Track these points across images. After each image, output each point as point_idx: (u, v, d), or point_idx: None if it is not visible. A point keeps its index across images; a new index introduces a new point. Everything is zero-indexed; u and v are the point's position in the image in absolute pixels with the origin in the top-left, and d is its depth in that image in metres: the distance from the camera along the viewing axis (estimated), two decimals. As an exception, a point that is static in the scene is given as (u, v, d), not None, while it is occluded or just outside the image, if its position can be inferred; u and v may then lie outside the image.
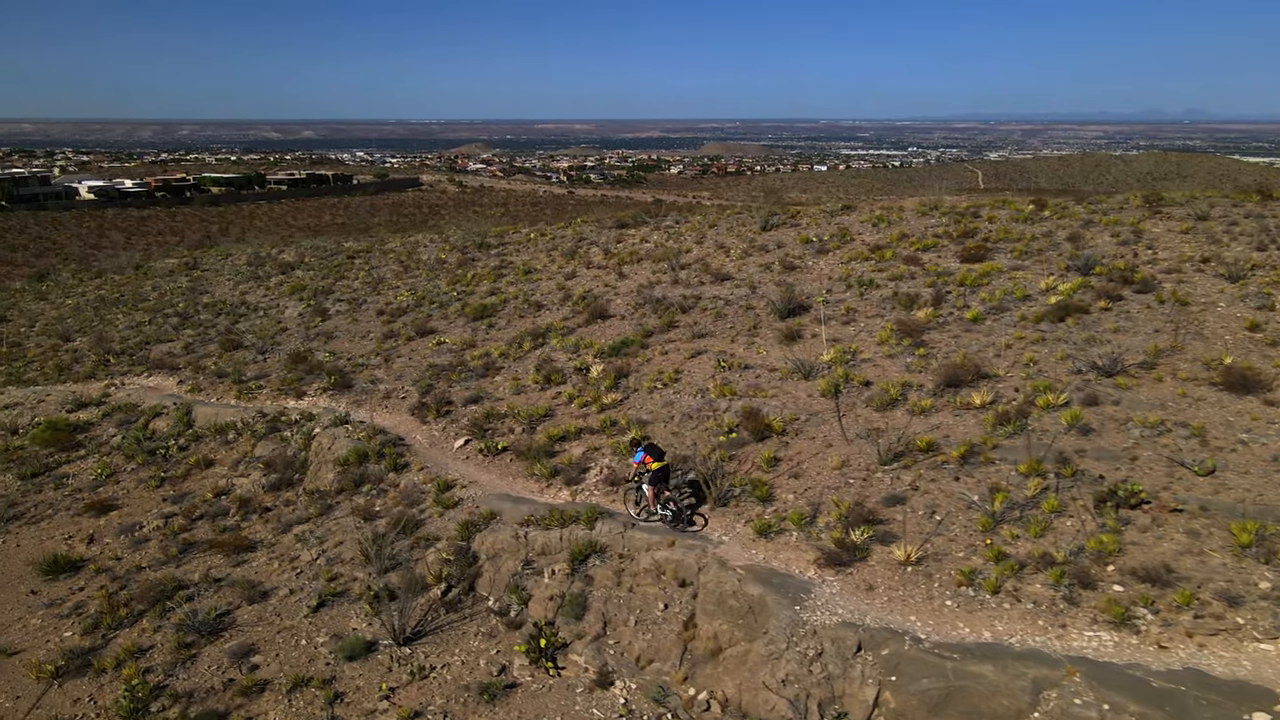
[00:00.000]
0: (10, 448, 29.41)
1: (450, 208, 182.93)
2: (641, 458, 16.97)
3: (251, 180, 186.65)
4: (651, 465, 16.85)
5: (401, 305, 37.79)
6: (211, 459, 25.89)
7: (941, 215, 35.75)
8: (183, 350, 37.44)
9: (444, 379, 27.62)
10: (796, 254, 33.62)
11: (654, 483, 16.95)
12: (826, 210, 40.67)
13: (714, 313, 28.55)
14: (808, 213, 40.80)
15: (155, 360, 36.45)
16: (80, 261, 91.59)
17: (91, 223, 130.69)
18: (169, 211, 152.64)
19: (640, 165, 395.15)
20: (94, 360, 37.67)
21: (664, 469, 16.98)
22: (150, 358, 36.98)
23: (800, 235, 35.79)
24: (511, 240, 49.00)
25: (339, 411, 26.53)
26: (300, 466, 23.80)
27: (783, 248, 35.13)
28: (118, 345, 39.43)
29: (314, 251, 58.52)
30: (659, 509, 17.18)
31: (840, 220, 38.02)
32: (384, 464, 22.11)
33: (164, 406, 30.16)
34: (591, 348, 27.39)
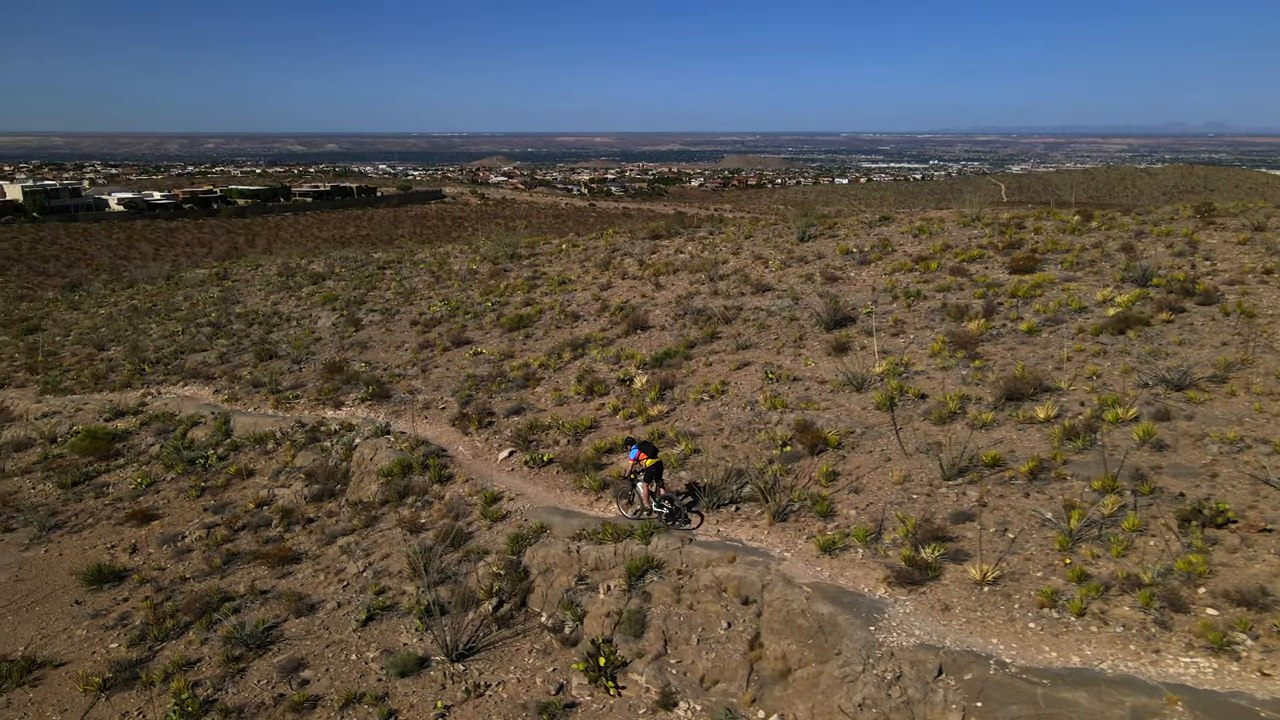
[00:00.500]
0: (50, 456, 29.34)
1: (473, 220, 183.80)
2: (636, 455, 17.30)
3: (277, 192, 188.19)
4: (646, 462, 17.18)
5: (435, 316, 37.57)
6: (251, 469, 25.67)
7: (984, 226, 35.20)
8: (217, 360, 37.35)
9: (483, 390, 27.31)
10: (837, 265, 33.16)
11: (648, 480, 17.34)
12: (864, 221, 40.19)
13: (757, 324, 28.13)
14: (845, 224, 40.33)
15: (191, 370, 36.36)
16: (111, 272, 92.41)
17: (121, 234, 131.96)
18: (196, 223, 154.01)
19: (661, 178, 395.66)
20: (129, 369, 37.65)
21: (657, 466, 17.33)
22: (185, 367, 36.91)
23: (840, 246, 35.33)
24: (543, 251, 48.80)
25: (379, 422, 26.25)
26: (342, 477, 23.52)
27: (822, 258, 34.68)
28: (152, 354, 39.44)
29: (343, 262, 58.59)
30: (653, 506, 17.55)
31: (879, 231, 37.52)
32: (428, 475, 21.79)
33: (201, 416, 30.03)
34: (633, 359, 27.00)
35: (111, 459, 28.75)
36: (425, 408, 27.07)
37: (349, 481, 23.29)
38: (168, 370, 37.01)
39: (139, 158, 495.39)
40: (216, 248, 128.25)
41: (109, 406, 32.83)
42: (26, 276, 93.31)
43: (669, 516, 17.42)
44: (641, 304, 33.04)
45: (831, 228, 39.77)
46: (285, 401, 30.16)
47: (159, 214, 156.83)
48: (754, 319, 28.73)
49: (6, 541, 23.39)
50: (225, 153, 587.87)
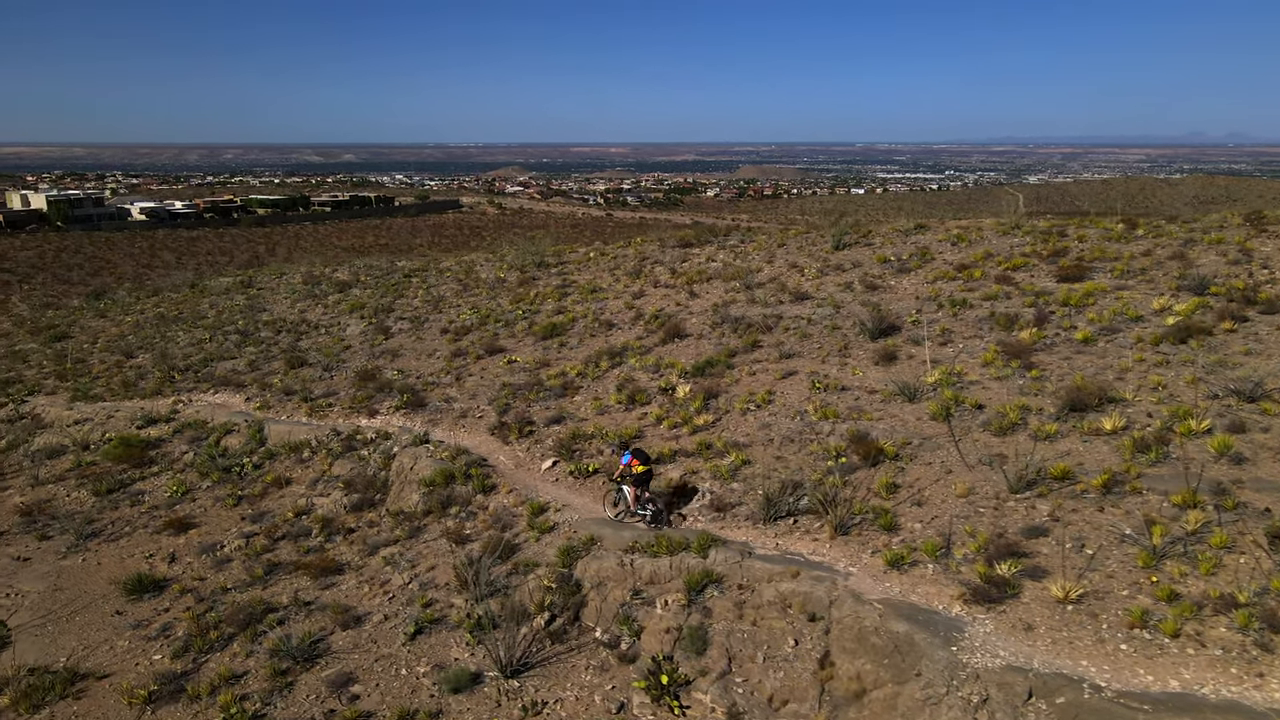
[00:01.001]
0: (83, 463, 29.13)
1: (490, 229, 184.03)
2: (629, 460, 18.07)
3: (296, 202, 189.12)
4: (637, 468, 17.96)
5: (466, 324, 37.27)
6: (288, 477, 25.34)
7: (1024, 234, 34.63)
8: (247, 367, 37.17)
9: (520, 398, 26.93)
10: (876, 273, 32.65)
11: (637, 484, 18.12)
12: (900, 229, 39.64)
13: (798, 332, 27.65)
14: (880, 232, 39.80)
15: (221, 377, 36.18)
16: (134, 280, 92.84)
17: (143, 243, 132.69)
18: (217, 232, 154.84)
19: (676, 188, 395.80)
20: (159, 377, 37.49)
21: (647, 473, 18.14)
22: (215, 374, 36.75)
23: (877, 255, 34.82)
24: (571, 259, 48.49)
25: (416, 431, 25.89)
26: (381, 487, 23.14)
27: (860, 267, 34.18)
28: (181, 362, 39.30)
29: (368, 271, 58.50)
30: (638, 509, 18.39)
31: (916, 239, 36.99)
32: (471, 485, 21.39)
33: (235, 424, 29.78)
34: (674, 367, 26.57)
35: (145, 466, 28.52)
36: (462, 416, 26.70)
37: (389, 491, 22.91)
38: (197, 378, 36.86)
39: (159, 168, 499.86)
40: (238, 256, 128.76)
41: (140, 414, 32.64)
42: (51, 285, 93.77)
43: (651, 519, 18.31)
44: (677, 312, 32.61)
45: (866, 236, 39.26)
46: (319, 409, 29.87)
47: (180, 223, 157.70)
48: (795, 327, 28.26)
49: (44, 550, 23.13)
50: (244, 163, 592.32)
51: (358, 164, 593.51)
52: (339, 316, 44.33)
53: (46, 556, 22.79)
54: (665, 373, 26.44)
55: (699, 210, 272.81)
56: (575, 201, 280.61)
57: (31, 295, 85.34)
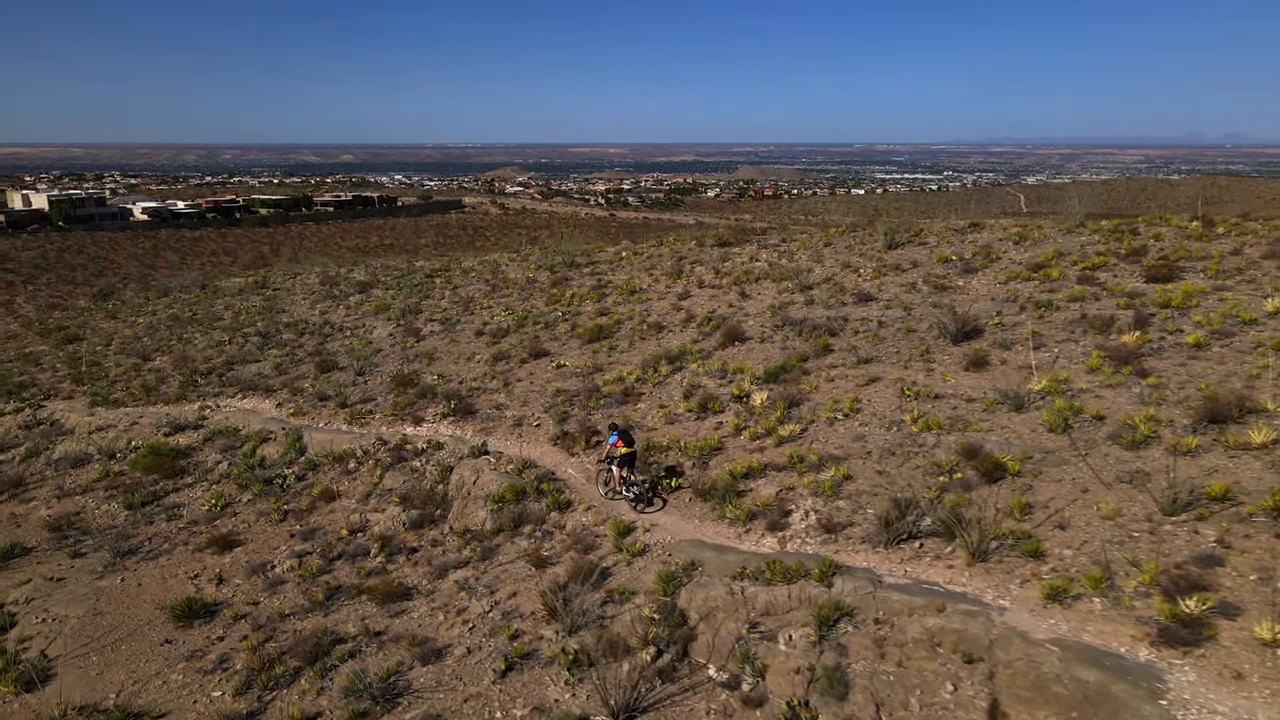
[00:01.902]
0: (111, 473, 27.53)
1: (494, 229, 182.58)
2: (615, 440, 18.50)
3: (299, 202, 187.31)
4: (621, 449, 18.46)
5: (502, 326, 35.72)
6: (336, 490, 23.74)
7: (1090, 233, 33.14)
8: (274, 371, 35.62)
9: (579, 405, 25.40)
10: (939, 273, 31.12)
11: (621, 465, 18.68)
12: (953, 228, 38.17)
13: (869, 336, 26.12)
14: (932, 231, 38.32)
15: (247, 381, 34.61)
16: (139, 280, 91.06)
17: (146, 243, 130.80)
18: (219, 232, 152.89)
19: (676, 189, 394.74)
20: (180, 381, 35.95)
21: (631, 454, 18.68)
22: (241, 378, 35.20)
23: (937, 254, 33.31)
24: (601, 259, 46.96)
25: (473, 441, 24.32)
26: (441, 502, 21.55)
27: (919, 266, 32.67)
28: (202, 365, 37.76)
29: (385, 271, 56.99)
30: (623, 490, 19.04)
31: (973, 238, 35.49)
32: (545, 502, 19.81)
33: (270, 431, 28.21)
34: (743, 373, 25.02)
35: (177, 477, 26.97)
36: (516, 425, 25.15)
37: (450, 507, 21.32)
38: (222, 382, 35.31)
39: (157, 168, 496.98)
40: (242, 257, 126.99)
41: (166, 420, 31.12)
42: (56, 285, 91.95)
43: (635, 500, 18.95)
44: (731, 314, 31.08)
45: (917, 235, 37.74)
46: (359, 416, 28.31)
47: (183, 223, 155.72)
48: (865, 330, 26.74)
49: (78, 569, 21.53)
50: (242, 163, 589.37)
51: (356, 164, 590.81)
52: (363, 318, 42.81)
53: (81, 576, 21.18)
54: (734, 378, 24.90)
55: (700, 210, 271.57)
56: (576, 202, 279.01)
57: (37, 296, 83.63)
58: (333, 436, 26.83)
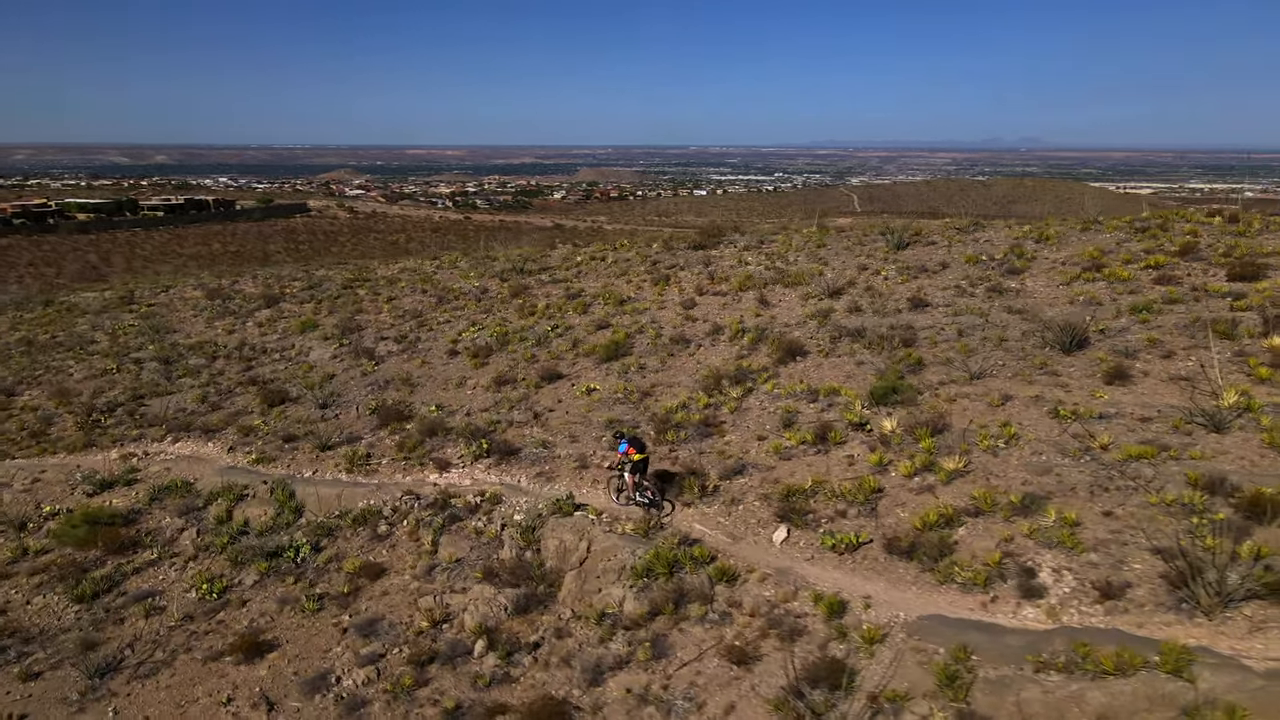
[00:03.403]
0: (32, 551, 21.36)
1: (347, 234, 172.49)
2: (625, 449, 18.00)
3: (123, 206, 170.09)
4: (634, 456, 17.94)
5: (481, 344, 31.10)
6: (378, 565, 18.78)
7: (1110, 230, 32.01)
8: (201, 405, 29.73)
9: (649, 440, 21.48)
10: (978, 275, 29.04)
11: (634, 472, 18.11)
12: (957, 227, 36.45)
13: (955, 347, 23.51)
14: (934, 231, 36.46)
15: (171, 419, 28.63)
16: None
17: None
18: (32, 240, 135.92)
19: (522, 191, 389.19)
20: (76, 421, 29.44)
21: (644, 460, 18.14)
22: (160, 416, 29.12)
23: (965, 255, 31.27)
24: (555, 266, 42.68)
25: (533, 488, 20.01)
26: (541, 577, 17.15)
27: (949, 268, 30.52)
28: (98, 400, 31.22)
29: (281, 281, 50.44)
30: (637, 496, 18.38)
31: (987, 237, 33.82)
32: (705, 573, 15.84)
33: (244, 486, 22.79)
34: (838, 394, 21.83)
35: (128, 552, 21.20)
36: (581, 467, 20.98)
37: (557, 582, 16.95)
38: (136, 421, 29.14)
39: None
40: (67, 268, 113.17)
41: (81, 475, 25.12)
42: None
43: (649, 505, 18.28)
44: (768, 325, 27.86)
45: (918, 234, 35.75)
46: (358, 463, 23.25)
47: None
48: (943, 340, 24.14)
49: (41, 699, 15.85)
50: (39, 164, 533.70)
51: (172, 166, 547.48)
52: (287, 337, 36.94)
53: (51, 711, 15.52)
54: (831, 401, 21.65)
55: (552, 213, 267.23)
56: (424, 204, 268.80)
57: None
58: (339, 491, 21.73)
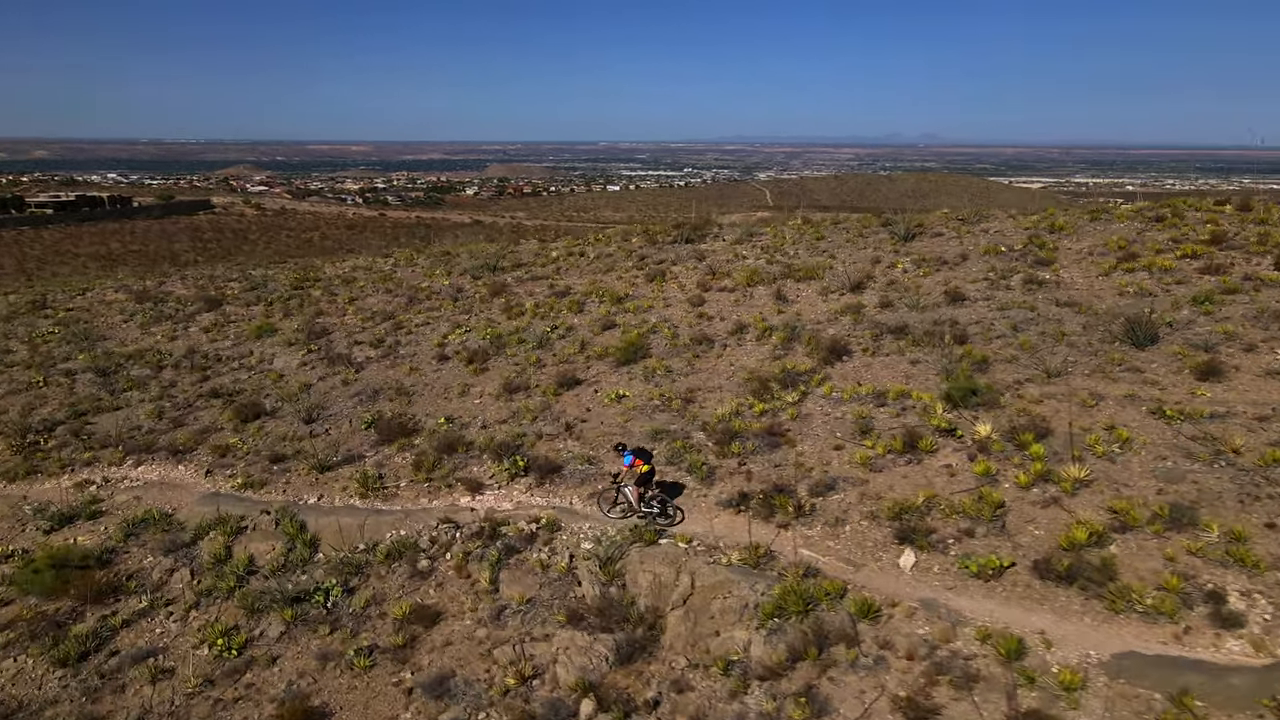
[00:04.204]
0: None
1: (256, 232, 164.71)
2: (631, 461, 17.27)
3: (7, 203, 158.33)
4: (641, 468, 17.21)
5: (474, 348, 28.55)
6: (430, 608, 16.18)
7: (1122, 220, 31.30)
8: (158, 422, 26.59)
9: (711, 452, 19.47)
10: (1004, 267, 27.84)
11: (640, 484, 17.35)
12: (960, 218, 35.36)
13: (1016, 343, 22.12)
14: (936, 223, 35.28)
15: (128, 439, 25.50)
16: None
17: None
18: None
19: (434, 187, 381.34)
20: (9, 445, 25.96)
21: (651, 471, 17.45)
22: (112, 435, 25.85)
23: (985, 246, 30.09)
24: (529, 263, 40.12)
25: (587, 510, 17.67)
26: (637, 619, 14.87)
27: (967, 260, 29.29)
28: (34, 420, 27.65)
29: (213, 281, 46.55)
30: (643, 508, 17.51)
31: (994, 228, 32.78)
32: (845, 610, 13.82)
33: (245, 517, 19.85)
34: (909, 397, 20.15)
35: (108, 600, 18.12)
36: (640, 485, 18.77)
37: (657, 624, 14.71)
38: (84, 443, 25.79)
39: None
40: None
41: (31, 508, 22.20)
42: None
43: (660, 513, 17.47)
44: (796, 323, 26.06)
45: (918, 226, 34.51)
46: (373, 486, 20.53)
47: None
48: (999, 337, 22.74)
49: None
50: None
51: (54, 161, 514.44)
52: (244, 344, 33.60)
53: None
54: (903, 404, 19.95)
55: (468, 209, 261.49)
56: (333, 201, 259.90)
57: None
58: (360, 520, 19.00)
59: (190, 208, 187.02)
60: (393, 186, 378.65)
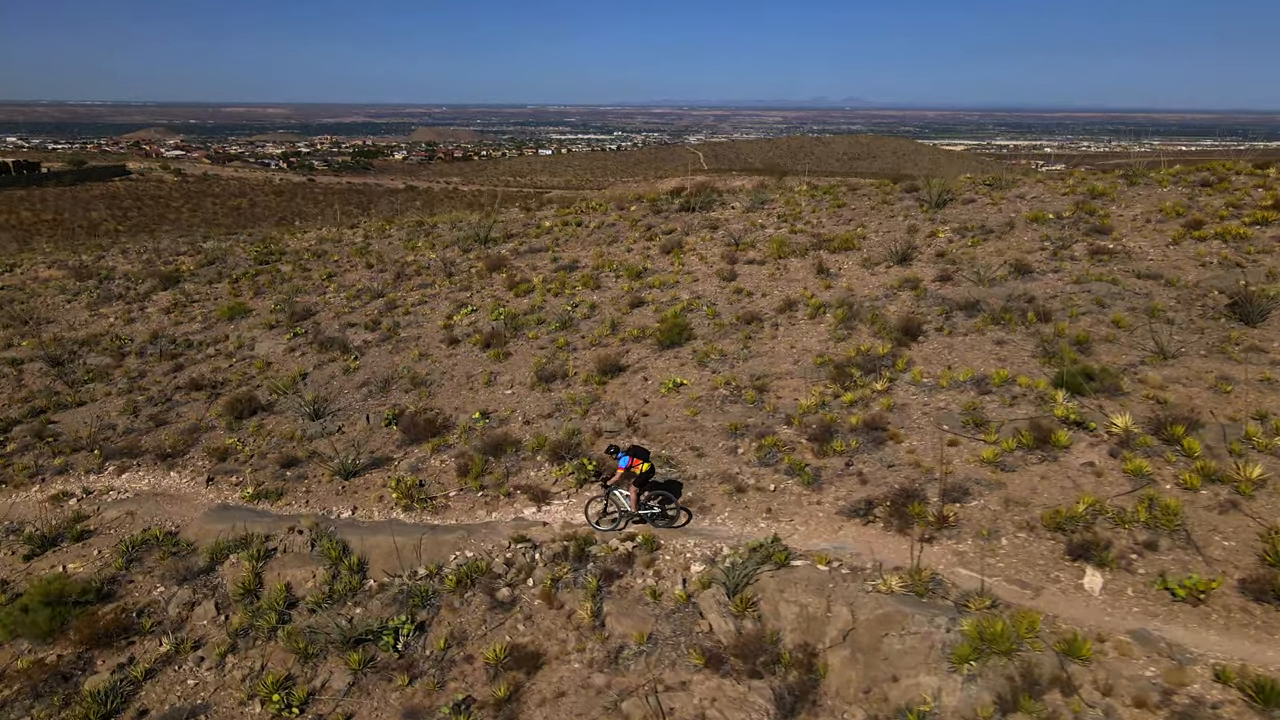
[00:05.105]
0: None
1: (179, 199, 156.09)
2: (628, 462, 15.85)
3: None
4: (641, 467, 15.90)
5: (485, 329, 25.98)
6: (526, 649, 13.73)
7: (1164, 184, 29.95)
8: (136, 420, 23.75)
9: (805, 450, 17.37)
10: (1059, 236, 26.16)
11: (639, 486, 16.06)
12: (986, 183, 33.67)
13: (1108, 321, 20.42)
14: (965, 188, 33.52)
15: (103, 441, 22.67)
16: None
17: None
18: None
19: (361, 151, 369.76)
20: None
21: (650, 469, 16.09)
22: (85, 438, 22.92)
23: (1028, 213, 28.39)
24: (523, 234, 37.28)
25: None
26: (791, 661, 12.68)
27: (1014, 229, 27.56)
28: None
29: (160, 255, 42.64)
30: (640, 511, 16.23)
31: (1032, 194, 31.14)
32: (1048, 647, 11.80)
33: (270, 536, 17.09)
34: (1017, 383, 18.27)
35: (118, 642, 15.30)
36: (736, 491, 16.60)
37: (816, 665, 12.55)
38: (52, 447, 22.85)
39: None
40: None
41: (4, 526, 19.04)
42: None
43: (661, 515, 16.27)
44: (851, 300, 24.04)
45: (947, 191, 32.68)
46: (418, 497, 17.96)
47: None
48: (1083, 313, 21.00)
49: None
50: None
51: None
52: (215, 326, 30.44)
53: None
54: (1010, 391, 18.06)
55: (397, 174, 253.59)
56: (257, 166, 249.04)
57: None
58: (416, 539, 16.44)
59: (104, 174, 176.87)
60: (317, 151, 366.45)
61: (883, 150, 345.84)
